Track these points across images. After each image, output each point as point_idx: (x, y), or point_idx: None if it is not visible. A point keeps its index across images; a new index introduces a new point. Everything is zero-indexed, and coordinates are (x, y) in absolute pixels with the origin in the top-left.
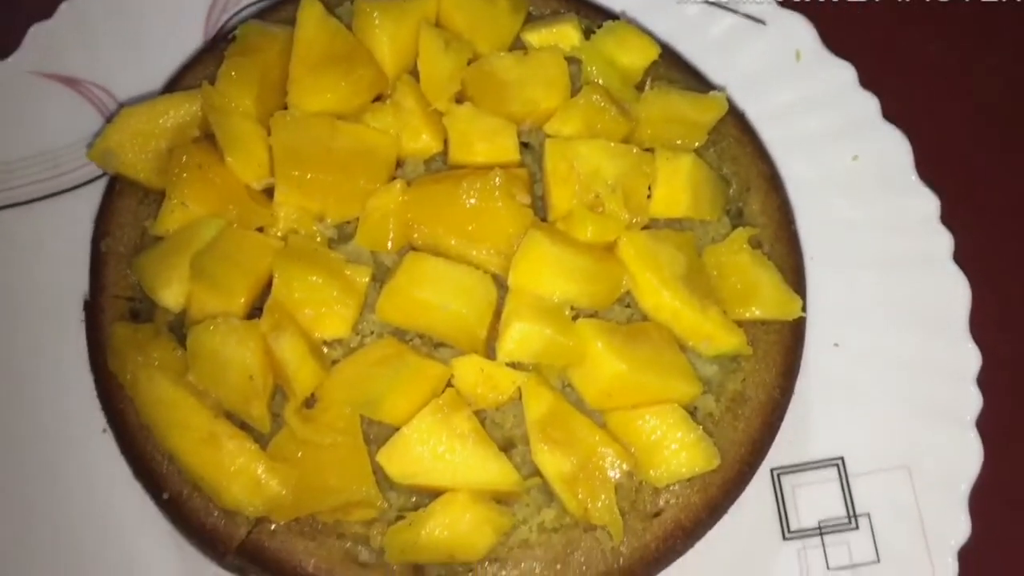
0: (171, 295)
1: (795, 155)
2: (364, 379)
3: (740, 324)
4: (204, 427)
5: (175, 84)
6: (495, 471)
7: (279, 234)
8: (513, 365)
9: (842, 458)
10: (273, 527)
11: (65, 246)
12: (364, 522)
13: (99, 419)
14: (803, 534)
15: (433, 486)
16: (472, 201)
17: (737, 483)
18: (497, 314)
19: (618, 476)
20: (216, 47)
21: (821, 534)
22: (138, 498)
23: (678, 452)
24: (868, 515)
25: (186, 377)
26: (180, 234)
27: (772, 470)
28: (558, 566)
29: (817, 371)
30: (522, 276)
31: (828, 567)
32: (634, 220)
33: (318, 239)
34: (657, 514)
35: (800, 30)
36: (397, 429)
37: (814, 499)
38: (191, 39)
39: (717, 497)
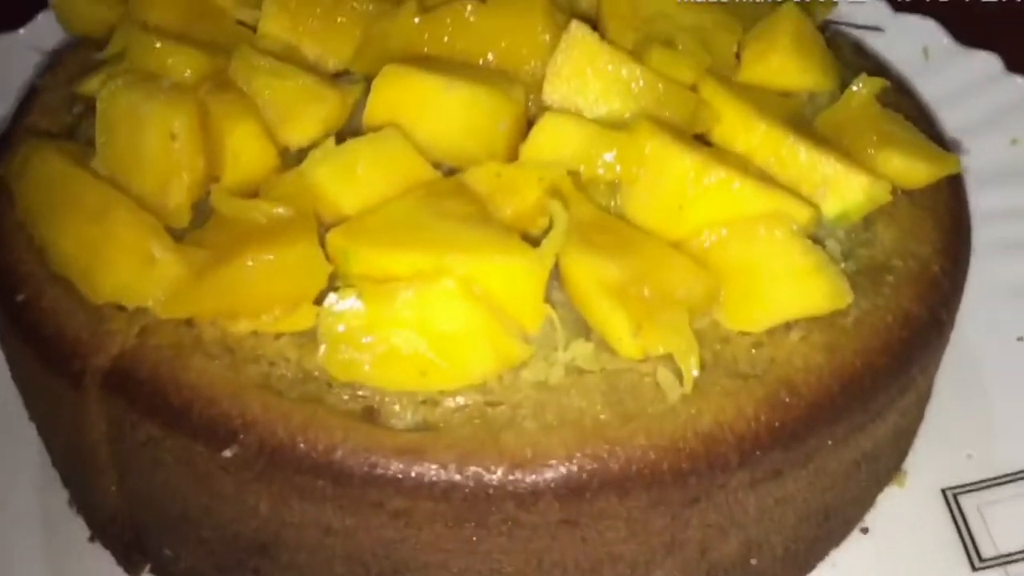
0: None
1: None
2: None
3: None
4: (96, 201)
5: None
6: (511, 259)
7: None
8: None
9: None
10: (157, 343)
11: None
12: (296, 335)
13: None
14: (1003, 560)
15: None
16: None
17: (885, 366)
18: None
19: (693, 300)
20: None
21: None
22: None
23: (786, 280)
24: None
25: (89, 164)
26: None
27: (945, 490)
28: (596, 421)
29: (997, 372)
30: (562, 84)
31: None
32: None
33: None
34: (758, 375)
35: (922, 29)
36: None
37: (1014, 519)
38: None
39: (852, 369)
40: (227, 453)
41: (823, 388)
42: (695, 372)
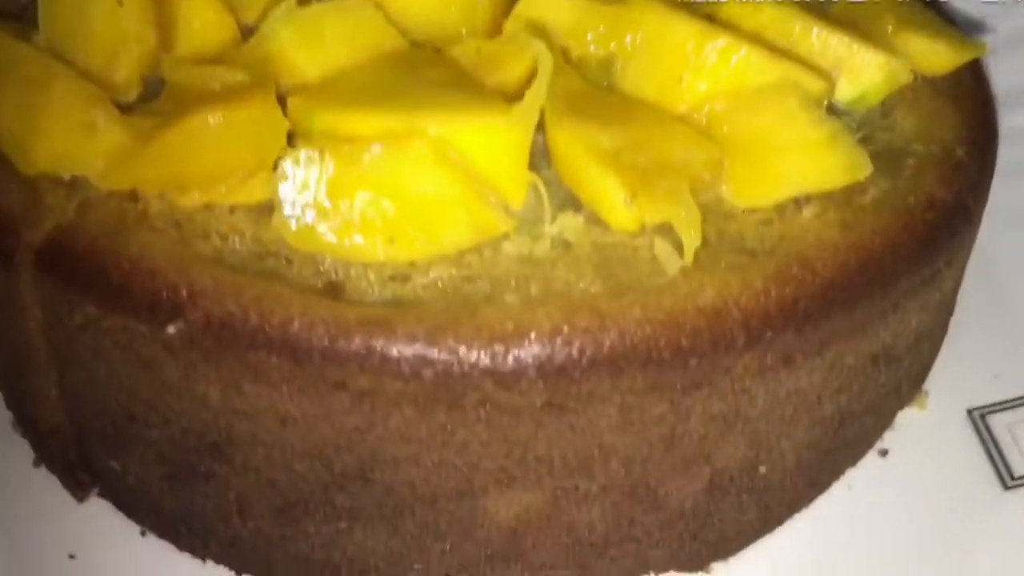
0: None
1: None
2: None
3: None
4: (35, 71)
5: None
6: (489, 119)
7: None
8: None
9: None
10: (98, 218)
11: None
12: (252, 209)
13: None
14: None
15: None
16: None
17: (907, 248)
18: None
19: (694, 171)
20: None
21: None
22: None
23: (797, 152)
24: None
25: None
26: None
27: (971, 411)
28: (585, 293)
29: None
30: None
31: None
32: None
33: None
34: (767, 251)
35: None
36: None
37: None
38: None
39: (871, 248)
40: (171, 330)
41: (839, 265)
42: (696, 242)
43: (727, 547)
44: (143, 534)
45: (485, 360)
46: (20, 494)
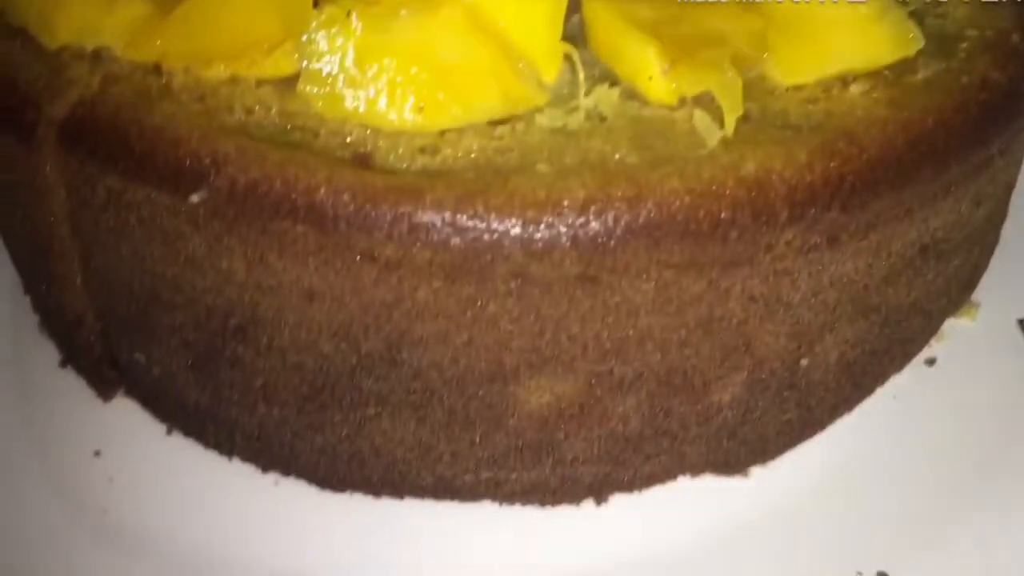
0: None
1: None
2: None
3: None
4: None
5: None
6: None
7: None
8: None
9: None
10: (121, 90)
11: None
12: (279, 82)
13: None
14: None
15: None
16: None
17: (959, 129)
18: None
19: (736, 45)
20: None
21: None
22: None
23: (845, 26)
24: None
25: None
26: None
27: (1022, 322)
28: (622, 163)
29: None
30: None
31: None
32: None
33: None
34: (813, 126)
35: None
36: None
37: None
38: None
39: (922, 126)
40: (195, 199)
41: (888, 142)
42: (738, 111)
43: (765, 449)
44: (169, 432)
45: (516, 229)
46: (46, 395)
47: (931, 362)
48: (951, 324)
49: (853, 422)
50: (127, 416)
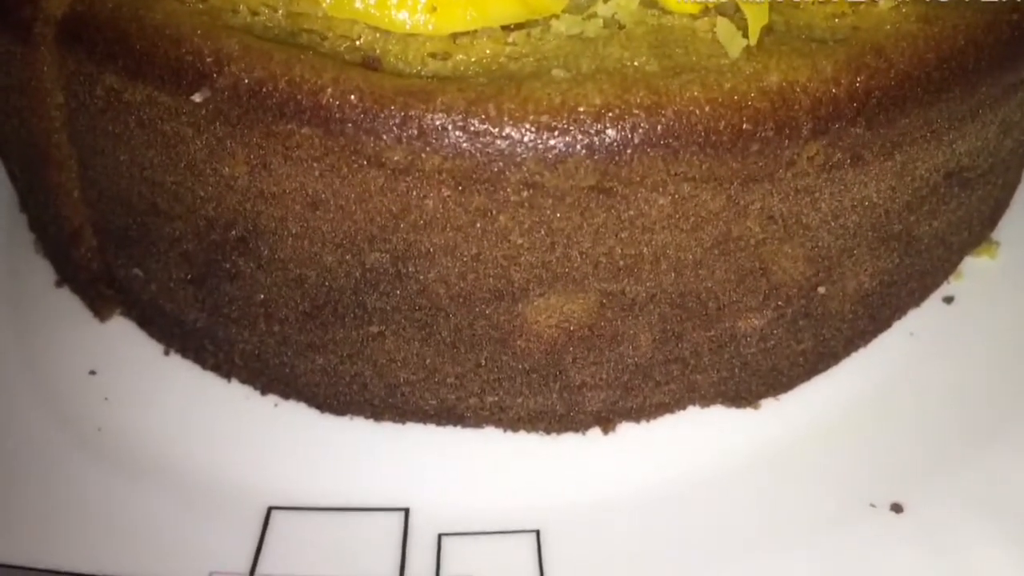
0: None
1: None
2: None
3: None
4: None
5: None
6: None
7: None
8: None
9: None
10: None
11: None
12: None
13: None
14: None
15: None
16: None
17: (991, 48)
18: None
19: None
20: None
21: None
22: None
23: None
24: None
25: None
26: None
27: None
28: (640, 71)
29: None
30: None
31: None
32: None
33: None
34: (839, 40)
35: None
36: None
37: None
38: None
39: (952, 43)
40: (197, 98)
41: (917, 57)
42: (764, 20)
43: (778, 381)
44: (166, 353)
45: (529, 135)
46: (41, 314)
47: (949, 300)
48: (970, 263)
49: (868, 357)
50: (123, 336)
